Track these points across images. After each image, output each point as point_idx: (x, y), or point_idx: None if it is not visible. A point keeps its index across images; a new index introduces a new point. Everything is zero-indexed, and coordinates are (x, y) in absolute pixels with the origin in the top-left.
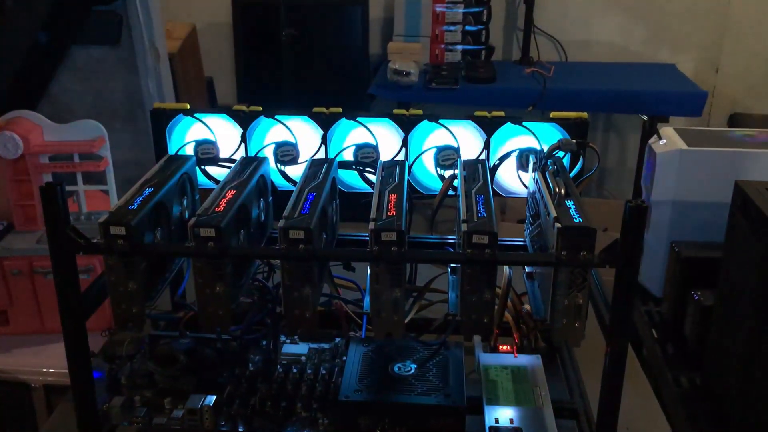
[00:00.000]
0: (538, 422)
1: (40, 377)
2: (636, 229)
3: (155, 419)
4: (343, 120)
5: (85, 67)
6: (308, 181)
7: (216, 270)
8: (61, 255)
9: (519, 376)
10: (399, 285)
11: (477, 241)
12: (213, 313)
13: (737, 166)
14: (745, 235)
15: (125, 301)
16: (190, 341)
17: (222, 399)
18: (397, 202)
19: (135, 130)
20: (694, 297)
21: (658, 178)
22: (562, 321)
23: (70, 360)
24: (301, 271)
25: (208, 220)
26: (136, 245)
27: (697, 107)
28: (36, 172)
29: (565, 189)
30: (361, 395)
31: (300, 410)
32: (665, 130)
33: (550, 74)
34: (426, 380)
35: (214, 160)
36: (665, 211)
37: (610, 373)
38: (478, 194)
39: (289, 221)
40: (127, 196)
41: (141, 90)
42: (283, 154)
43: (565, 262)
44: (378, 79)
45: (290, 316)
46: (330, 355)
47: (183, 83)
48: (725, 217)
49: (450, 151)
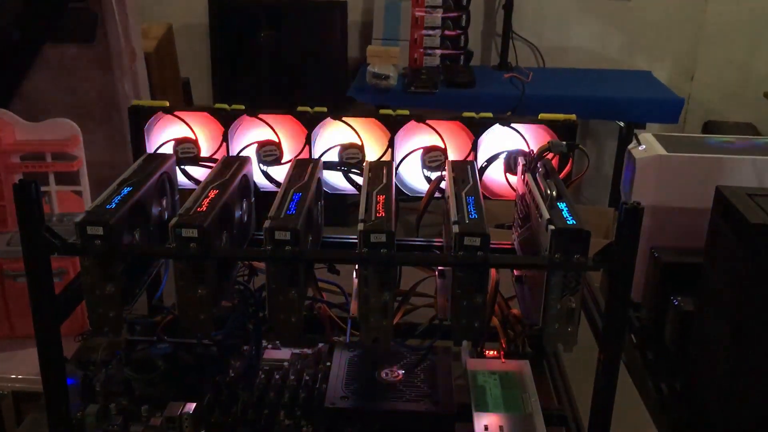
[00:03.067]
0: (528, 429)
1: (9, 384)
2: (631, 231)
3: (132, 428)
4: (328, 119)
5: (59, 65)
6: (293, 182)
7: (198, 272)
8: (36, 256)
9: (507, 381)
10: (388, 288)
11: (469, 243)
12: (194, 317)
13: (717, 172)
14: (727, 240)
15: (102, 304)
16: (169, 346)
17: (202, 406)
18: (386, 203)
19: (109, 131)
20: (674, 302)
21: (638, 183)
22: (554, 325)
23: (43, 366)
24: (287, 273)
25: (190, 220)
26: (114, 246)
27: (673, 114)
28: (7, 172)
29: (557, 191)
30: (348, 402)
31: (283, 418)
32: (644, 136)
33: (529, 80)
34: (414, 386)
35: (194, 159)
36: (645, 216)
37: (604, 379)
38: (468, 195)
39: (274, 222)
40: (104, 195)
41: (116, 90)
42: (266, 154)
43: (559, 264)
44: (357, 82)
45: (275, 321)
46: (313, 360)
47: (159, 84)
48: (705, 223)
49: (437, 153)
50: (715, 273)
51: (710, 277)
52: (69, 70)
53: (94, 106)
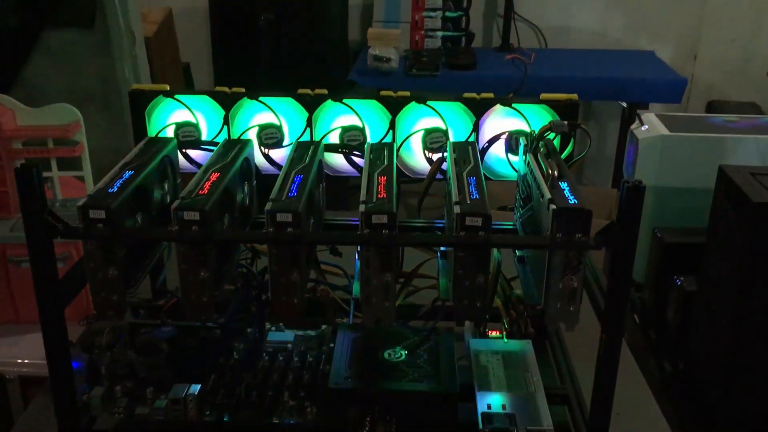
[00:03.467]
0: (531, 408)
1: (15, 368)
2: (633, 209)
3: (137, 409)
4: (328, 102)
5: (59, 50)
6: (295, 164)
7: (200, 255)
8: (39, 240)
9: (510, 361)
10: (390, 269)
11: (470, 224)
12: (196, 300)
13: (720, 151)
14: (729, 219)
15: (105, 288)
16: (172, 330)
17: (206, 388)
18: (387, 185)
19: (110, 116)
20: (677, 282)
21: (641, 164)
22: (556, 305)
23: (49, 349)
24: (289, 256)
25: (192, 202)
26: (116, 229)
27: (676, 94)
28: (8, 158)
29: (559, 171)
30: (351, 382)
31: (287, 399)
32: (647, 116)
33: (531, 61)
34: (417, 367)
35: (196, 142)
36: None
37: (606, 358)
38: (469, 176)
39: (276, 204)
40: (106, 179)
41: (116, 75)
42: (267, 137)
43: (561, 244)
44: (358, 65)
45: (278, 303)
46: (317, 342)
47: (159, 68)
48: (708, 203)
49: (438, 134)
50: (718, 252)
51: (713, 256)
52: (69, 56)
53: (95, 91)
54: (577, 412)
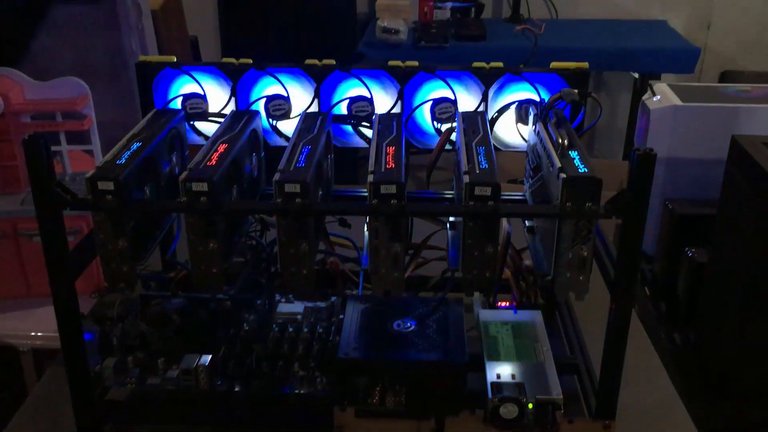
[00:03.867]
0: (540, 377)
1: (28, 341)
2: (644, 178)
3: (149, 380)
4: (336, 73)
5: (66, 24)
6: (302, 135)
7: (209, 226)
8: (48, 212)
9: (519, 331)
10: (398, 239)
11: (479, 194)
12: (206, 271)
13: (732, 121)
14: (742, 190)
15: (115, 259)
16: (183, 301)
17: (217, 359)
18: (396, 155)
19: (118, 90)
20: (688, 254)
21: (652, 134)
22: (566, 274)
23: (60, 320)
24: (298, 226)
25: (200, 173)
26: (125, 201)
27: (689, 64)
28: (17, 132)
29: (569, 140)
30: (361, 352)
31: (297, 369)
32: (659, 86)
33: (541, 32)
34: (426, 337)
35: (203, 114)
36: (659, 168)
37: (615, 328)
38: (478, 146)
39: (284, 174)
40: (114, 150)
41: (124, 48)
42: (275, 109)
43: (570, 213)
44: (366, 37)
45: (287, 274)
46: (326, 313)
47: (166, 41)
48: (720, 174)
49: (447, 104)
50: (729, 223)
51: (724, 227)
52: (76, 29)
53: (102, 66)
54: (587, 381)
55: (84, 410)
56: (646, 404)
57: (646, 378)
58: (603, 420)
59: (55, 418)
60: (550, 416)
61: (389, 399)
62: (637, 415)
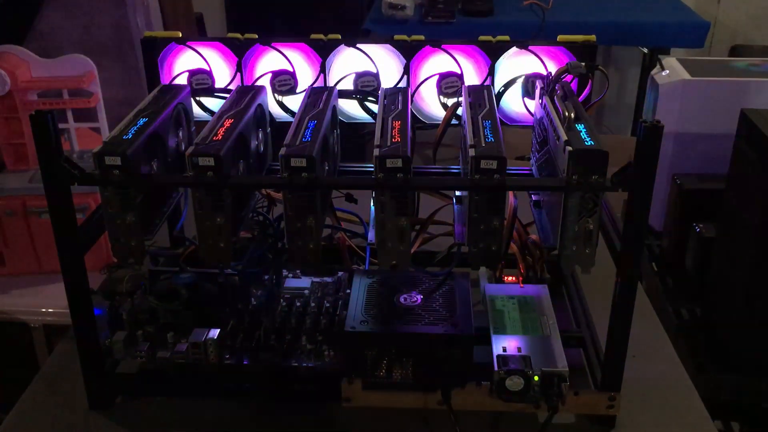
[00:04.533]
0: (546, 350)
1: (39, 317)
2: (650, 150)
3: (159, 353)
4: (342, 47)
5: (72, 2)
6: (308, 110)
7: (216, 200)
8: (56, 187)
9: (525, 305)
10: (404, 213)
11: (485, 167)
12: (214, 245)
13: (742, 95)
14: (751, 164)
15: (123, 234)
16: (191, 276)
17: (225, 333)
18: (402, 129)
19: (124, 67)
20: (696, 229)
21: (661, 109)
22: (572, 247)
23: (70, 294)
24: (304, 201)
25: (207, 148)
26: (132, 175)
27: (698, 38)
28: (25, 109)
29: (575, 113)
30: (367, 326)
31: (305, 342)
32: (668, 61)
33: (549, 6)
34: (433, 310)
35: (209, 90)
36: (667, 143)
37: (621, 301)
38: (484, 120)
39: (290, 149)
40: (121, 126)
41: (129, 25)
42: (280, 84)
43: (577, 186)
44: (373, 13)
45: (294, 248)
46: (333, 288)
47: (172, 19)
48: (728, 149)
49: (453, 78)
50: (738, 198)
51: (733, 202)
52: (81, 6)
53: (108, 43)
54: (593, 354)
55: (95, 383)
56: (651, 377)
57: (652, 351)
58: (608, 392)
59: (66, 392)
60: (556, 388)
61: (396, 372)
62: (642, 387)
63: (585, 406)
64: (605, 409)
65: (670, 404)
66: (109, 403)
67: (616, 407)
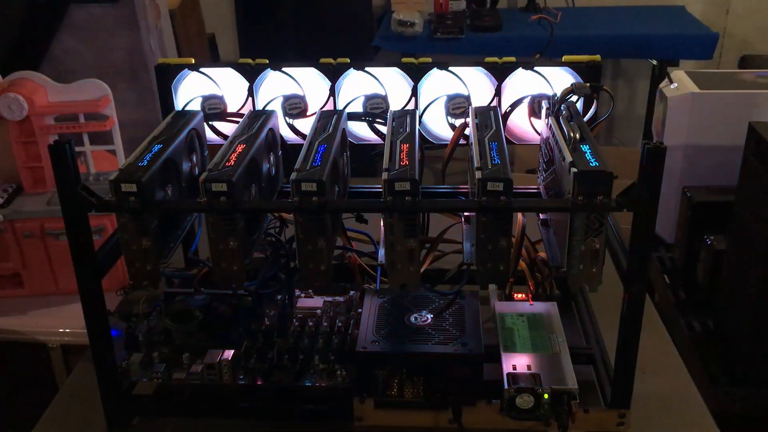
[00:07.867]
0: (556, 368)
1: (57, 337)
2: (654, 171)
3: (174, 374)
4: (351, 70)
5: (86, 26)
6: (318, 133)
7: (229, 225)
8: (74, 214)
9: (535, 323)
10: (413, 235)
11: (492, 189)
12: (227, 268)
13: (751, 107)
14: (759, 176)
15: (139, 258)
16: (206, 297)
17: (239, 354)
18: (410, 152)
19: (138, 90)
20: (707, 242)
21: (670, 122)
22: (579, 266)
23: (88, 317)
24: (315, 224)
25: (219, 174)
26: (147, 202)
27: (707, 49)
28: (42, 134)
29: (580, 133)
30: (379, 346)
31: (318, 362)
32: (676, 74)
33: (557, 20)
34: (443, 329)
35: (221, 115)
36: (677, 155)
37: (628, 318)
38: (491, 141)
39: (301, 174)
40: (136, 153)
41: (143, 48)
42: (291, 107)
43: (582, 206)
44: (382, 30)
45: (305, 270)
46: (345, 308)
47: (185, 40)
48: (738, 161)
49: (461, 99)
50: (748, 210)
51: (742, 214)
52: (96, 30)
53: (122, 66)
54: (602, 371)
55: (112, 404)
56: (661, 393)
57: (662, 367)
58: (618, 409)
59: (85, 412)
60: (566, 406)
61: (407, 390)
62: (652, 403)
63: (595, 423)
64: (615, 426)
65: (681, 421)
66: (126, 423)
67: (626, 424)
